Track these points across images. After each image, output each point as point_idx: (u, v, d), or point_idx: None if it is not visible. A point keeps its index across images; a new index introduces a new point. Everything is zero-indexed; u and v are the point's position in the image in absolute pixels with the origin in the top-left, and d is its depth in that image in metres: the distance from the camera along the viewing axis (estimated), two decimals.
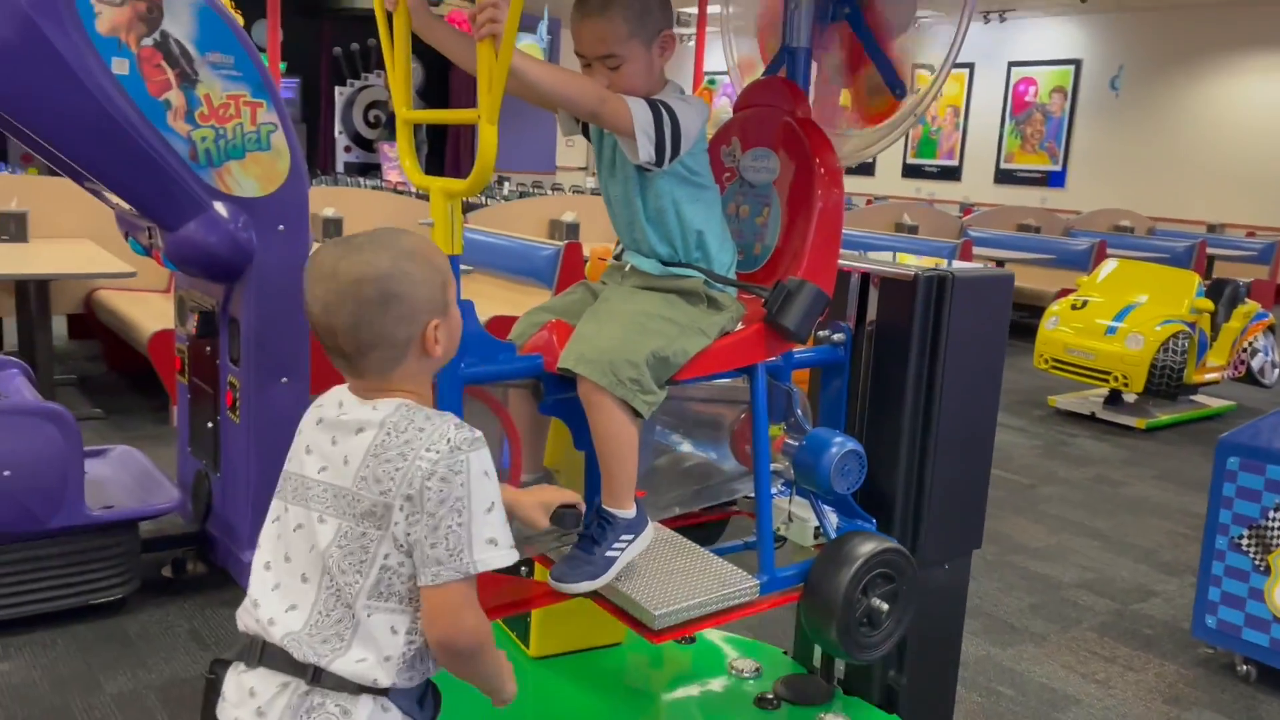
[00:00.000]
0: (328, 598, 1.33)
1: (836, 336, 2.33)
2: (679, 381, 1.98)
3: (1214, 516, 2.93)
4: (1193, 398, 6.13)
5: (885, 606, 2.10)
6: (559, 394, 1.94)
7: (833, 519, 2.25)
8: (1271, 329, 6.18)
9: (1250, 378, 6.06)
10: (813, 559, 2.12)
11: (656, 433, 2.35)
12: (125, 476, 3.18)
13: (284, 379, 2.97)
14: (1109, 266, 6.27)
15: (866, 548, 2.07)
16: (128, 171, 2.70)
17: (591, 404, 1.87)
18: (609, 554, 1.90)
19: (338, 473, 1.34)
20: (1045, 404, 6.18)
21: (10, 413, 2.67)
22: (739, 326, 2.07)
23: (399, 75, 1.88)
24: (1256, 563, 2.85)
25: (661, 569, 2.03)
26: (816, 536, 2.26)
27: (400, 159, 1.94)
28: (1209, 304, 5.74)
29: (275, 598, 1.36)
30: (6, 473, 2.61)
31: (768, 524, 2.10)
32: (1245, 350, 5.99)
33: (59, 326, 5.92)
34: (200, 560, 3.23)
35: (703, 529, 2.49)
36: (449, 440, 1.30)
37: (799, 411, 2.29)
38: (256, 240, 2.85)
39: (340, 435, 1.36)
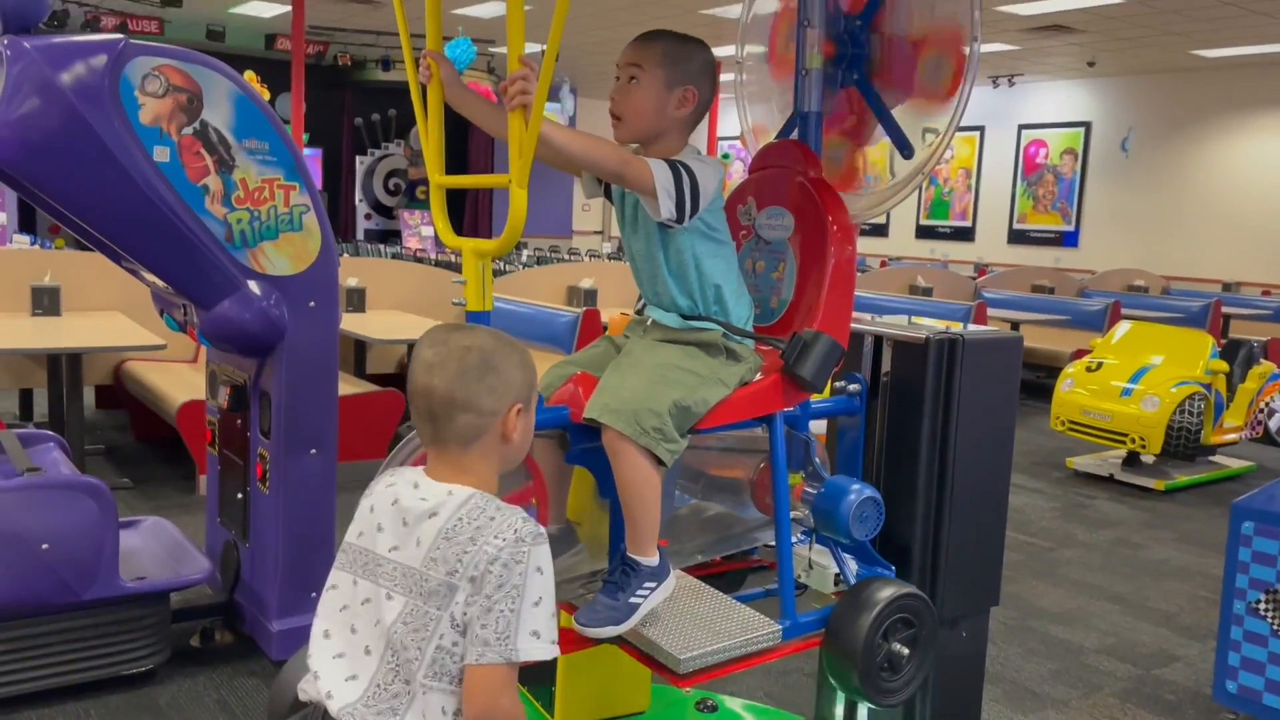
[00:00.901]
0: (387, 671, 1.39)
1: (852, 387, 2.41)
2: (700, 430, 2.06)
3: (1230, 581, 2.95)
4: (1212, 459, 6.13)
5: (906, 651, 2.14)
6: (584, 444, 2.02)
7: (852, 566, 2.30)
8: None
9: (1268, 438, 6.07)
10: (833, 605, 2.17)
11: (679, 483, 2.41)
12: (156, 547, 3.25)
13: (313, 450, 3.04)
14: (1123, 328, 6.32)
15: (886, 592, 2.12)
16: (166, 253, 2.81)
17: (616, 453, 1.93)
18: (633, 600, 1.96)
19: (409, 553, 1.42)
20: (1064, 466, 6.19)
21: (49, 487, 2.75)
22: (757, 377, 2.15)
23: (432, 144, 2.01)
24: (1275, 627, 2.86)
25: (686, 615, 2.08)
26: (837, 583, 2.30)
27: (434, 220, 2.07)
28: (1224, 365, 5.77)
29: (337, 667, 1.43)
30: (45, 546, 2.69)
31: (789, 570, 2.15)
32: (1262, 411, 6.01)
33: (87, 397, 6.04)
34: (228, 630, 3.28)
35: (725, 577, 2.54)
36: (516, 531, 1.39)
37: (816, 460, 2.35)
38: (288, 316, 2.95)
39: (413, 518, 1.43)
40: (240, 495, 3.23)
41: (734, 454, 2.45)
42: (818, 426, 2.45)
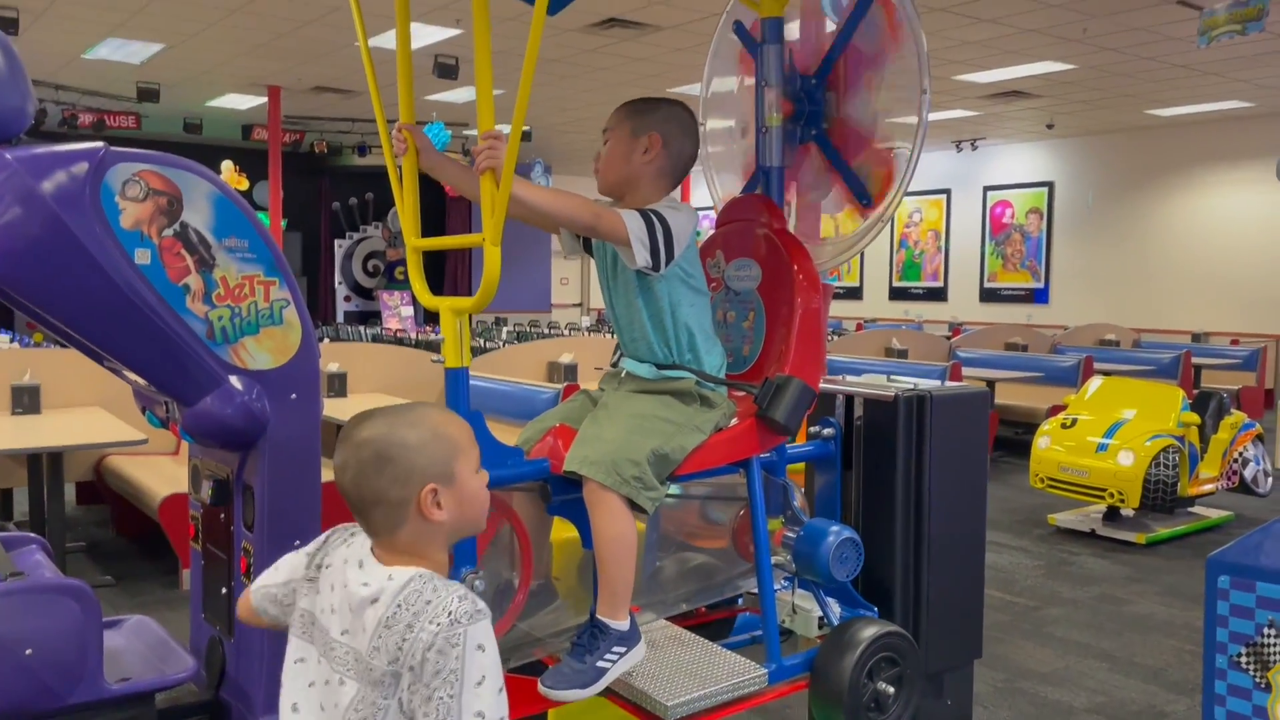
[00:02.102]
0: None
1: (826, 431, 2.47)
2: (679, 477, 2.10)
3: (1211, 635, 2.97)
4: (1191, 510, 6.19)
5: (891, 690, 2.16)
6: (566, 495, 2.06)
7: (836, 610, 2.33)
8: (1260, 438, 6.28)
9: (1244, 488, 6.13)
10: (818, 647, 2.19)
11: (661, 533, 2.45)
12: (141, 646, 3.22)
13: (297, 542, 3.02)
14: (1095, 384, 6.41)
15: (869, 632, 2.16)
16: (148, 352, 2.85)
17: (595, 504, 1.96)
18: (600, 664, 1.96)
19: (357, 639, 1.40)
20: (1045, 523, 6.23)
21: (33, 591, 2.74)
22: (733, 422, 2.20)
23: (408, 210, 2.08)
24: (1257, 680, 2.88)
25: (671, 663, 2.12)
26: (821, 627, 2.33)
27: (411, 282, 2.14)
28: (1195, 417, 5.86)
29: None
30: (28, 651, 2.67)
31: (772, 614, 2.18)
32: (1236, 461, 6.08)
33: (67, 493, 6.00)
34: None
35: (710, 627, 2.57)
36: (450, 613, 1.35)
37: (795, 504, 2.40)
38: (270, 409, 2.97)
39: (357, 603, 1.41)
40: (224, 590, 3.22)
41: (714, 503, 2.50)
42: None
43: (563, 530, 2.24)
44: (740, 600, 2.60)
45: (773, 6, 2.58)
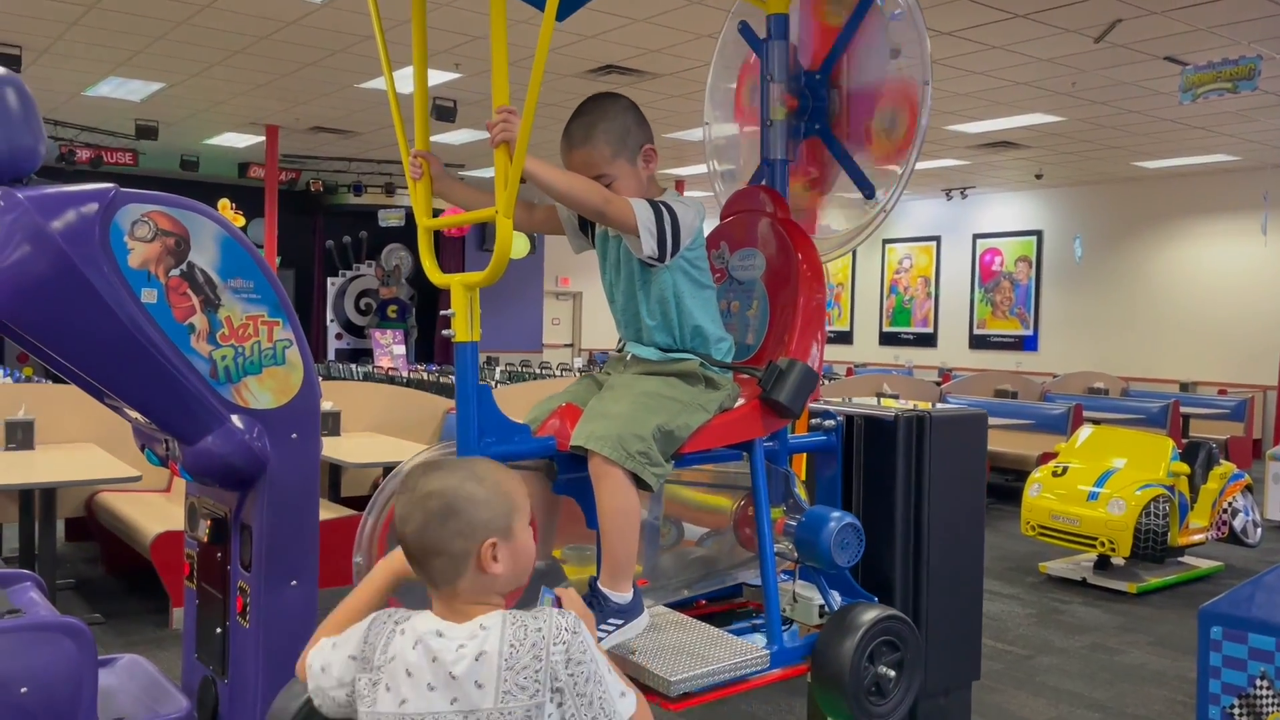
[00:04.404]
0: None
1: (828, 423, 2.49)
2: (684, 456, 2.10)
3: (1204, 687, 2.99)
4: (1181, 560, 6.21)
5: (892, 674, 2.17)
6: (571, 474, 2.06)
7: (837, 599, 2.34)
8: (1249, 488, 6.32)
9: (1234, 538, 6.16)
10: (819, 632, 2.20)
11: (662, 523, 2.47)
12: (134, 686, 3.20)
13: (293, 582, 3.05)
14: (1085, 432, 6.45)
15: (869, 616, 2.17)
16: (151, 391, 2.86)
17: (600, 478, 1.96)
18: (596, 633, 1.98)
19: (475, 697, 1.42)
20: (1037, 570, 6.24)
21: (30, 629, 2.73)
22: (739, 403, 2.22)
23: (421, 195, 2.12)
24: None
25: (673, 644, 2.13)
26: (822, 615, 2.34)
27: (422, 261, 2.15)
28: (1184, 467, 5.90)
29: None
30: (24, 689, 2.66)
31: (774, 597, 2.19)
32: (1226, 511, 6.12)
33: (57, 530, 5.96)
34: None
35: (710, 619, 2.58)
36: (564, 628, 1.46)
37: (796, 492, 2.42)
38: (270, 449, 2.99)
39: (463, 668, 1.43)
40: (219, 630, 3.20)
41: (717, 490, 2.52)
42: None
43: (573, 571, 2.25)
44: (742, 594, 2.61)
45: (778, 3, 2.64)
